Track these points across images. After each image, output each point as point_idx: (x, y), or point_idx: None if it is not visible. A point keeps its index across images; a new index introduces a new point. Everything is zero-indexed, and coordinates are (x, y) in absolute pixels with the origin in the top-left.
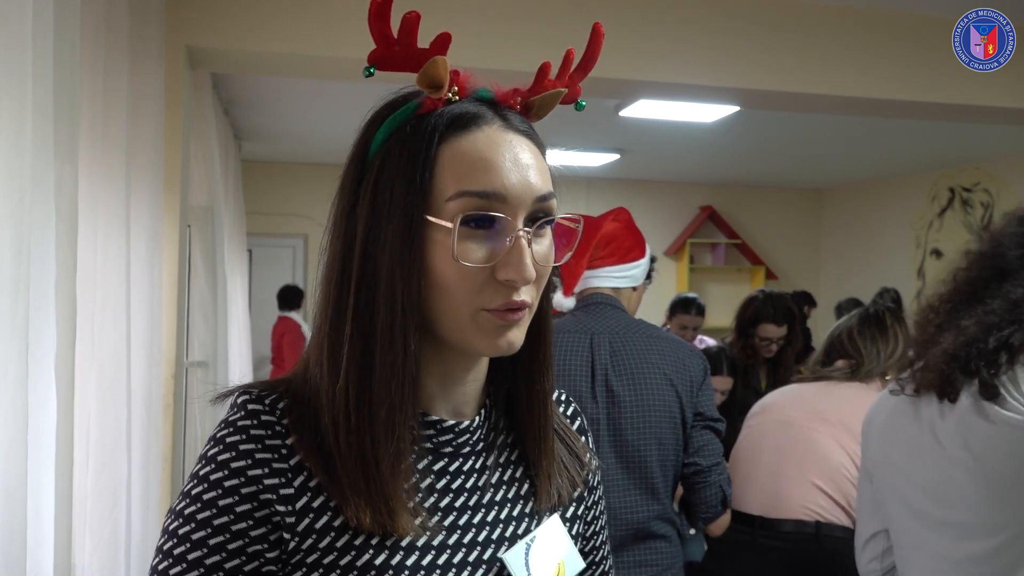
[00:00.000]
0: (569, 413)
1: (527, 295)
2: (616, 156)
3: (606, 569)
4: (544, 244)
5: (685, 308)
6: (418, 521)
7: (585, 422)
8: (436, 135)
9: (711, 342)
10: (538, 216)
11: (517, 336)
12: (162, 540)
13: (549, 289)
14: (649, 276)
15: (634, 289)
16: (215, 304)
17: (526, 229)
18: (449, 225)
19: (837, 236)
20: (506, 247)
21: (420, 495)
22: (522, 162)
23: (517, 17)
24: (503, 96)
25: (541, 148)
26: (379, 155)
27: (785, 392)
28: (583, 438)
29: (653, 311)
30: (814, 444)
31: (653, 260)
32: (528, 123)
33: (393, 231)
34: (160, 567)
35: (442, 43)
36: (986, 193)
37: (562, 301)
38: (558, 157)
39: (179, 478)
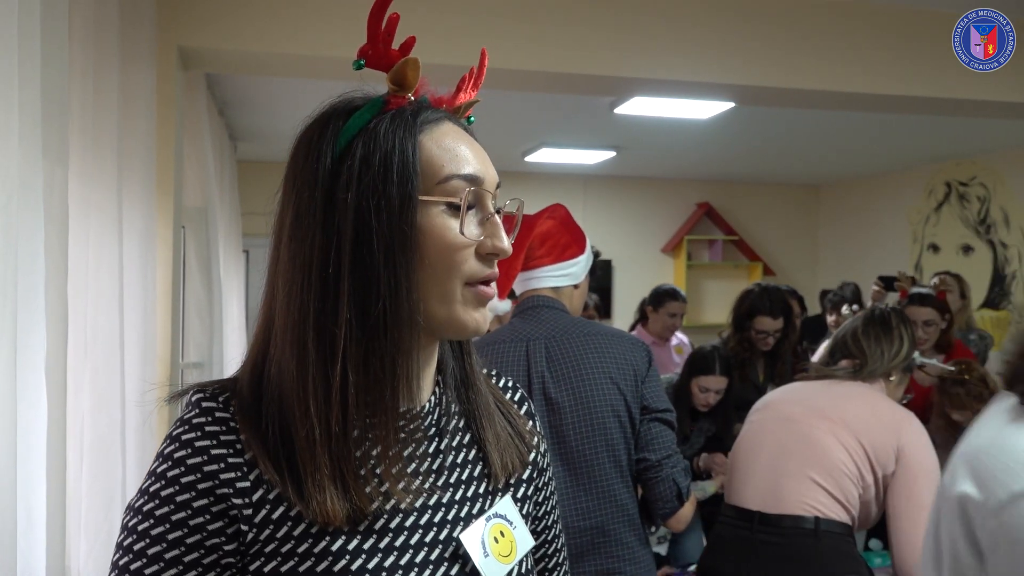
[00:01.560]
0: (516, 399)
1: (496, 268)
2: (612, 154)
3: (559, 547)
4: None
5: (673, 296)
6: (374, 506)
7: (532, 408)
8: (417, 124)
9: (683, 338)
10: (495, 201)
11: (488, 312)
12: (121, 536)
13: None
14: (593, 271)
15: (575, 287)
16: (210, 305)
17: (498, 208)
18: (456, 200)
19: (834, 231)
20: (486, 224)
21: (376, 481)
22: (482, 153)
23: (511, 15)
24: (436, 101)
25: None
26: (355, 147)
27: (787, 389)
28: (530, 423)
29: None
30: (814, 440)
31: (597, 255)
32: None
33: (389, 214)
34: (120, 562)
35: (408, 46)
36: (982, 187)
37: (496, 304)
38: (553, 155)
39: None
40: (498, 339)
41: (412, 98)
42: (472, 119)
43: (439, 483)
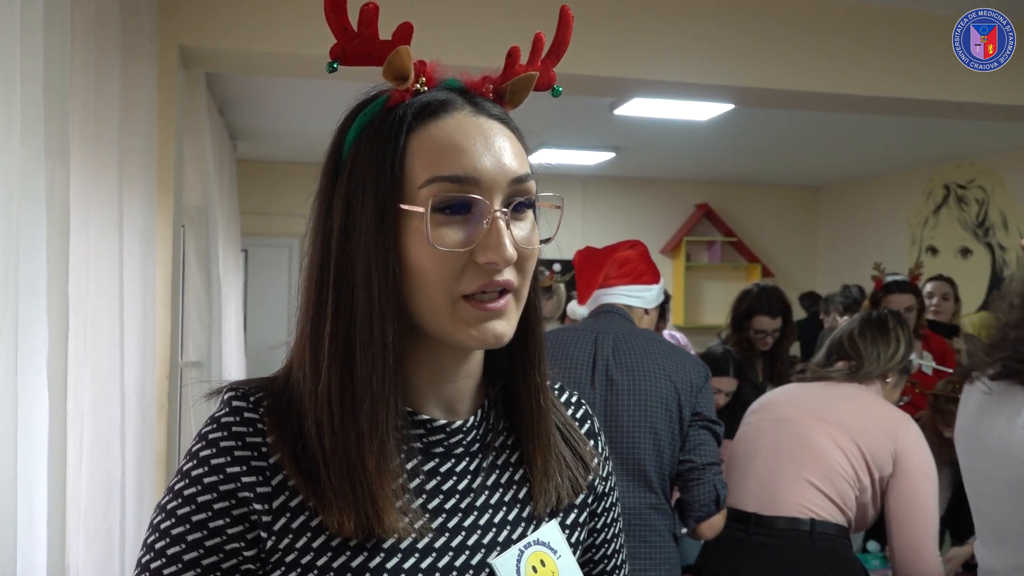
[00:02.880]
0: (579, 416)
1: (510, 276)
2: (611, 154)
3: None
4: (525, 227)
5: None
6: (403, 523)
7: (596, 426)
8: (405, 124)
9: (680, 336)
10: (515, 199)
11: (504, 327)
12: (147, 534)
13: (536, 280)
14: (664, 315)
15: (646, 312)
16: (209, 304)
17: (503, 210)
18: (421, 210)
19: (833, 233)
20: (483, 230)
21: (408, 496)
22: (494, 145)
23: (510, 14)
24: (473, 84)
25: (517, 133)
26: (351, 153)
27: (784, 391)
28: (592, 442)
29: None
30: (810, 442)
31: (668, 299)
32: (501, 109)
33: (366, 223)
34: (143, 560)
35: (404, 33)
36: (981, 190)
37: (576, 309)
38: (553, 155)
39: None
40: (569, 327)
41: (424, 88)
42: (559, 89)
43: (477, 503)
